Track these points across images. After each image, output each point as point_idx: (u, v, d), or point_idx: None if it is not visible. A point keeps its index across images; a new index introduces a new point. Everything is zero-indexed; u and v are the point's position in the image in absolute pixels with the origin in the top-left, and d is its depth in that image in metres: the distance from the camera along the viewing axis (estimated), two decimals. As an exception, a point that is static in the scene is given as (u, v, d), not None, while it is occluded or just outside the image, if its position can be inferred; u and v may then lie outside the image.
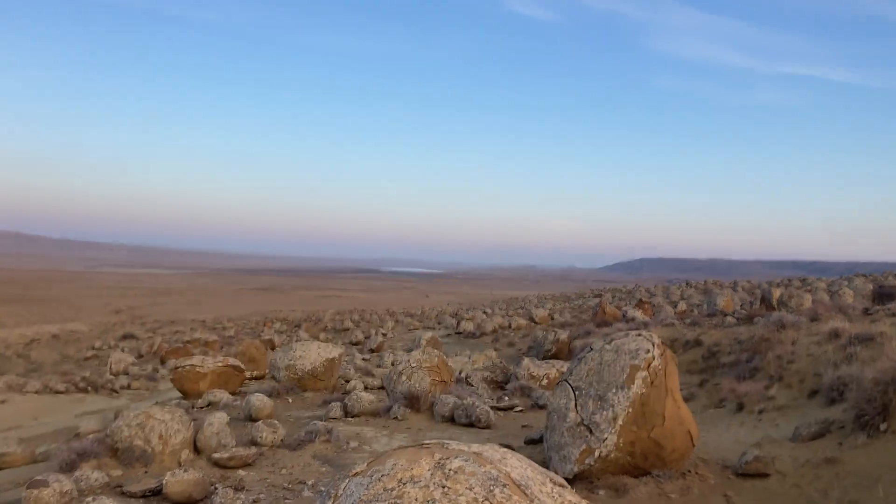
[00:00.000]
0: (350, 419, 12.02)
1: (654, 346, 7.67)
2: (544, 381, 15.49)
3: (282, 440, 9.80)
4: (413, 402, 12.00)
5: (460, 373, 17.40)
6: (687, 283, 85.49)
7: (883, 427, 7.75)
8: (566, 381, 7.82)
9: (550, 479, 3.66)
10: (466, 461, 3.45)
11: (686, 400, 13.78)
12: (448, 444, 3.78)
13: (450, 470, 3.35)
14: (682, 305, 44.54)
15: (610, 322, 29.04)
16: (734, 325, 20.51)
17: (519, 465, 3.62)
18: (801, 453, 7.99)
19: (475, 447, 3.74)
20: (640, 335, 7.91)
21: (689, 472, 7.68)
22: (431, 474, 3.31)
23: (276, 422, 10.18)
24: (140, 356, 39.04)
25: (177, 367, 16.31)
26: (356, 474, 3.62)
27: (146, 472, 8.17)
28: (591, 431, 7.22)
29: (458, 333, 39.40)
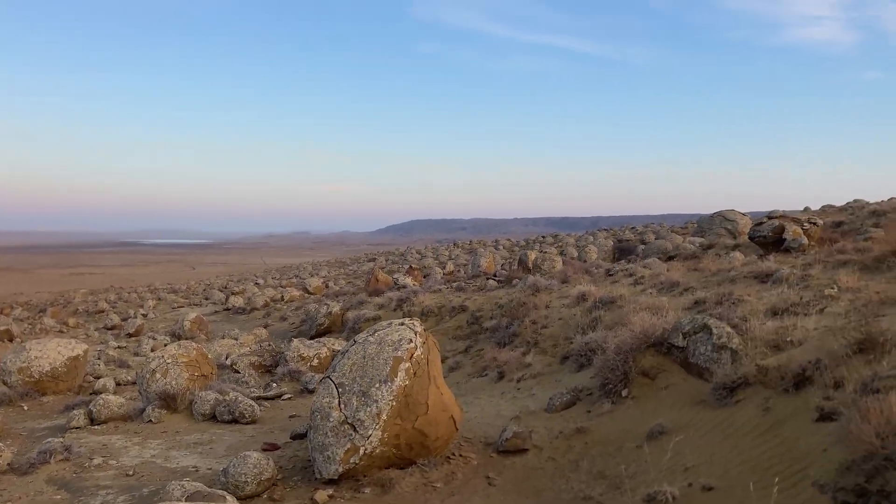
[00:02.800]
0: (96, 427, 10.81)
1: (416, 335, 7.58)
2: (315, 362, 15.10)
3: (9, 464, 8.50)
4: (169, 401, 11.04)
5: (226, 358, 16.48)
6: (454, 244, 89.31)
7: (625, 393, 8.37)
8: (329, 377, 7.50)
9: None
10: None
11: (452, 369, 14.19)
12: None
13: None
14: (451, 266, 46.32)
15: (382, 290, 29.25)
16: (495, 288, 21.50)
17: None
18: (555, 424, 8.40)
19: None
20: (402, 324, 7.78)
21: (454, 455, 7.76)
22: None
23: (-1, 444, 8.81)
24: None
25: None
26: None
27: None
28: (355, 429, 6.98)
29: (227, 310, 37.68)
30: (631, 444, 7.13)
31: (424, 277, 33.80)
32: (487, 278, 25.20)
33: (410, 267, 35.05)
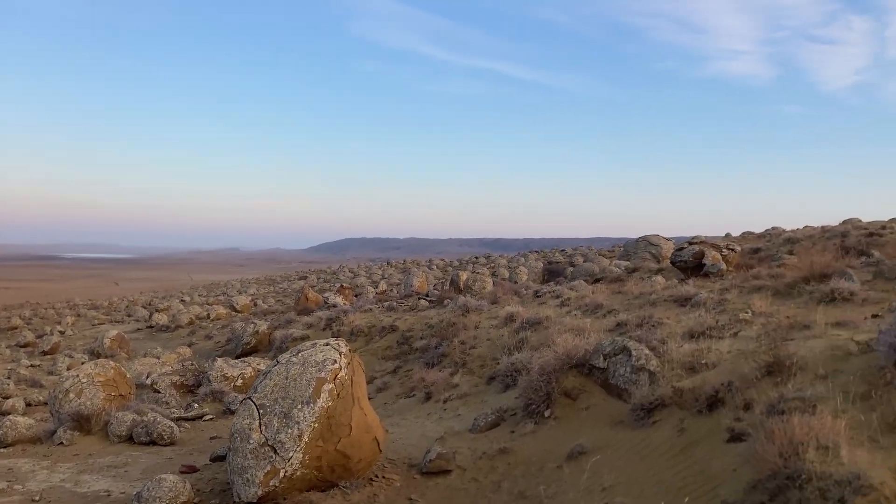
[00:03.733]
0: (2, 450, 10.34)
1: (341, 355, 7.53)
2: (239, 382, 14.81)
3: None
4: (83, 423, 10.64)
5: (147, 377, 15.98)
6: (388, 263, 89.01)
7: (547, 414, 8.48)
8: (250, 398, 7.36)
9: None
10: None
11: (380, 390, 14.12)
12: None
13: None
14: (383, 285, 46.18)
15: (312, 309, 28.93)
16: (426, 308, 21.55)
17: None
18: (479, 445, 8.44)
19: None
20: (327, 344, 7.72)
21: (377, 477, 7.71)
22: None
23: None
24: None
25: None
26: None
27: None
28: (275, 451, 6.87)
29: (151, 327, 36.61)
30: (552, 465, 7.23)
31: (356, 297, 33.58)
32: (419, 298, 25.22)
33: (342, 286, 34.78)
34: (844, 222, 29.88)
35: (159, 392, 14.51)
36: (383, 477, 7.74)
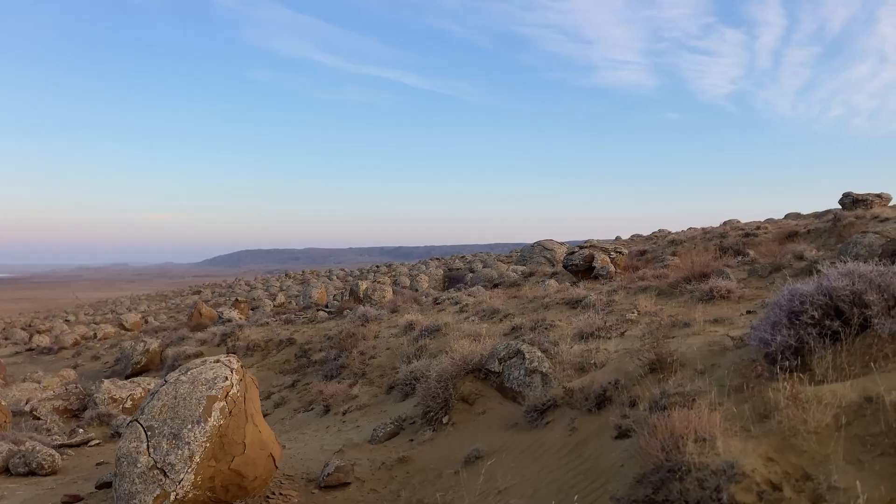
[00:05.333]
0: None
1: (232, 372, 7.33)
2: (128, 404, 14.15)
3: None
4: (-48, 457, 9.89)
5: (26, 403, 15.04)
6: (286, 274, 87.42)
7: (445, 420, 8.55)
8: (137, 420, 7.05)
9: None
10: None
11: (278, 405, 13.83)
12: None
13: None
14: (281, 297, 45.29)
15: (206, 325, 28.07)
16: (325, 319, 21.29)
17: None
18: (378, 455, 8.40)
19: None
20: (218, 361, 7.49)
21: (273, 494, 7.54)
22: None
23: None
24: None
25: None
26: None
27: None
28: (165, 474, 6.61)
29: (31, 350, 34.47)
30: (449, 471, 7.28)
31: (252, 310, 32.80)
32: (318, 309, 24.92)
33: (237, 300, 33.88)
34: (724, 224, 31.63)
35: (40, 419, 13.68)
36: (280, 494, 7.58)
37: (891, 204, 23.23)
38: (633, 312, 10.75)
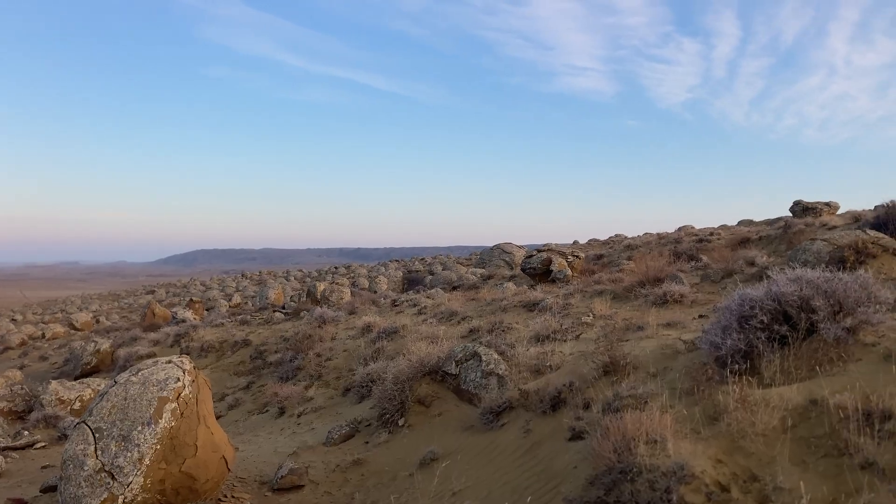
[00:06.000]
0: None
1: (185, 373, 7.21)
2: (77, 405, 13.80)
3: None
4: None
5: (-33, 406, 14.56)
6: (243, 275, 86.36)
7: (401, 422, 8.53)
8: (84, 422, 6.88)
9: None
10: None
11: (232, 406, 13.65)
12: None
13: None
14: (237, 298, 44.71)
15: (160, 325, 27.57)
16: (282, 320, 21.08)
17: None
18: (333, 458, 8.34)
19: None
20: (170, 362, 7.36)
21: (226, 496, 7.44)
22: None
23: None
24: None
25: None
26: None
27: None
28: (113, 477, 6.46)
29: (-26, 350, 33.40)
30: (404, 473, 7.27)
31: (207, 311, 32.32)
32: (275, 311, 24.65)
33: (192, 300, 33.33)
34: (679, 229, 32.19)
35: (-18, 421, 13.26)
36: (233, 496, 7.47)
37: (839, 212, 23.92)
38: (588, 315, 10.87)
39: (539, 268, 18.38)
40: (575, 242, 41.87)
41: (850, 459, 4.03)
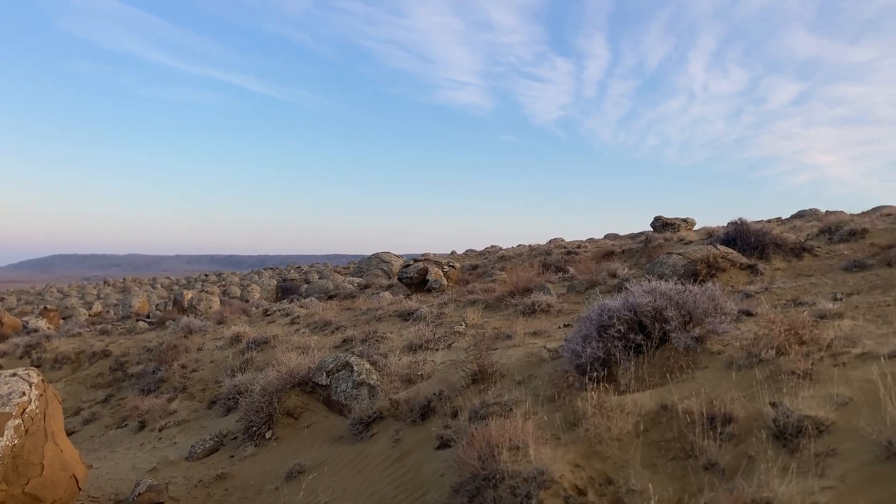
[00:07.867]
0: None
1: (32, 387, 6.71)
2: None
3: None
4: None
5: None
6: (105, 282, 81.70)
7: (269, 435, 8.31)
8: (-90, 442, 6.27)
9: None
10: None
11: (88, 421, 12.86)
12: None
13: None
14: (98, 306, 42.27)
15: (8, 335, 25.57)
16: (146, 330, 20.11)
17: None
18: (195, 473, 8.01)
19: None
20: (14, 375, 6.83)
21: (76, 518, 6.98)
22: None
23: None
24: None
25: None
26: None
27: None
28: (-56, 502, 5.92)
29: None
30: (270, 487, 7.08)
31: (64, 320, 30.32)
32: (138, 320, 23.49)
33: (46, 308, 31.17)
34: (550, 242, 33.32)
35: None
36: (83, 517, 7.03)
37: (695, 228, 25.51)
38: (461, 325, 11.03)
39: (416, 277, 18.49)
40: (452, 253, 42.48)
41: (695, 461, 4.28)
